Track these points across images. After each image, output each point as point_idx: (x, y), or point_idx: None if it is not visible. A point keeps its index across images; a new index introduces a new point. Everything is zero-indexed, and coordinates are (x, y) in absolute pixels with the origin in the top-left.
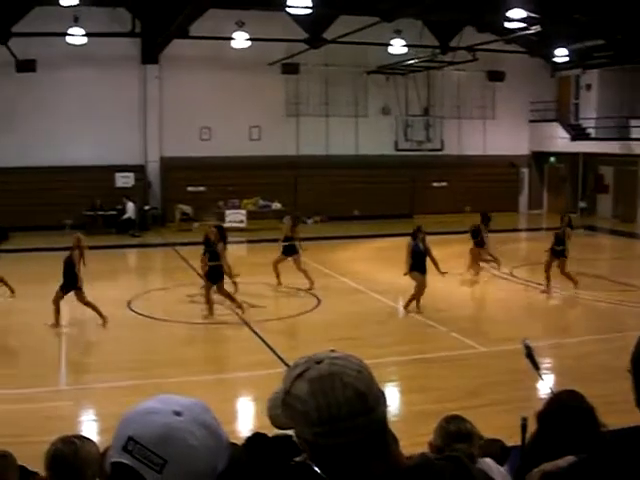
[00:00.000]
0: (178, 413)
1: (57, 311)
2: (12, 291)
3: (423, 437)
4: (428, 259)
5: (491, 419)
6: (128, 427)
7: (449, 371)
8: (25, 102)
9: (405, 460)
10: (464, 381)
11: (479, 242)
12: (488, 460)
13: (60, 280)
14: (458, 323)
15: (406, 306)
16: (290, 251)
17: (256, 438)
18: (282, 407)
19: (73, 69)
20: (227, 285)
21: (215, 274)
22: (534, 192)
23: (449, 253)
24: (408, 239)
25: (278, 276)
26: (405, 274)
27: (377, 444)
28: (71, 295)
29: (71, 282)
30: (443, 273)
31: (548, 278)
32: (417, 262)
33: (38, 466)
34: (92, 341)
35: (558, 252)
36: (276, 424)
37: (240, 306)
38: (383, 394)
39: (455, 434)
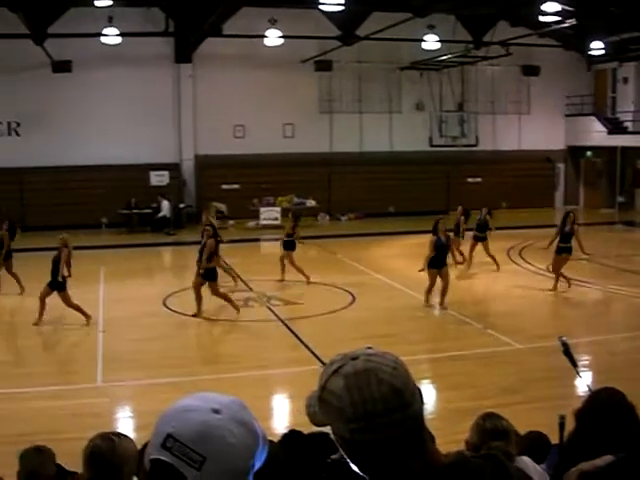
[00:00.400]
0: (217, 411)
1: (42, 307)
2: (22, 289)
3: (459, 435)
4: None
5: (528, 417)
6: (167, 424)
7: (485, 368)
8: (60, 102)
9: (442, 458)
10: (500, 378)
11: (483, 237)
12: (525, 458)
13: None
14: (493, 319)
15: (441, 302)
16: (289, 246)
17: (292, 435)
18: (318, 404)
19: (108, 69)
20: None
21: (207, 273)
22: (570, 187)
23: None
24: (430, 236)
25: (303, 273)
26: (421, 270)
27: (413, 441)
28: (105, 296)
29: (56, 281)
30: (458, 263)
31: (563, 276)
32: (440, 256)
33: (74, 462)
34: (127, 338)
35: (563, 249)
36: (314, 421)
37: (198, 314)
38: (419, 391)
39: (492, 432)
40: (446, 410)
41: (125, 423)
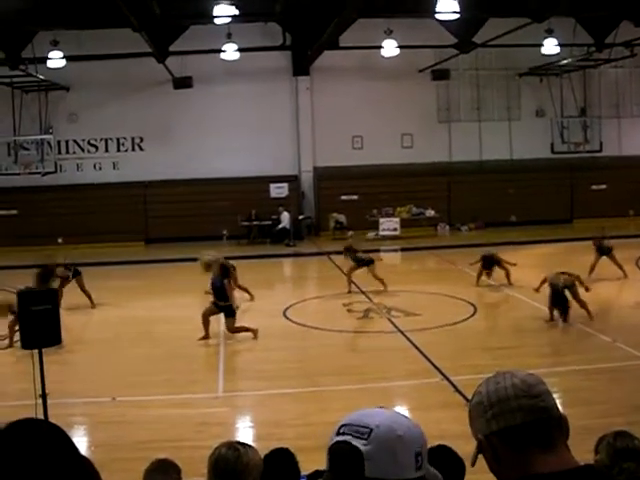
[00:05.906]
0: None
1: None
2: (93, 305)
3: (587, 454)
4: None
5: None
6: (339, 423)
7: (615, 384)
8: (182, 117)
9: (576, 461)
10: (631, 395)
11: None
12: None
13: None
14: (623, 332)
15: (588, 313)
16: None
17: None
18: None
19: (227, 84)
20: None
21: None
22: None
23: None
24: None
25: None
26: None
27: (543, 434)
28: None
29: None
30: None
31: None
32: None
33: (195, 470)
34: (247, 349)
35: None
36: None
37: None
38: (550, 393)
39: (623, 451)
40: (572, 427)
41: (244, 432)
